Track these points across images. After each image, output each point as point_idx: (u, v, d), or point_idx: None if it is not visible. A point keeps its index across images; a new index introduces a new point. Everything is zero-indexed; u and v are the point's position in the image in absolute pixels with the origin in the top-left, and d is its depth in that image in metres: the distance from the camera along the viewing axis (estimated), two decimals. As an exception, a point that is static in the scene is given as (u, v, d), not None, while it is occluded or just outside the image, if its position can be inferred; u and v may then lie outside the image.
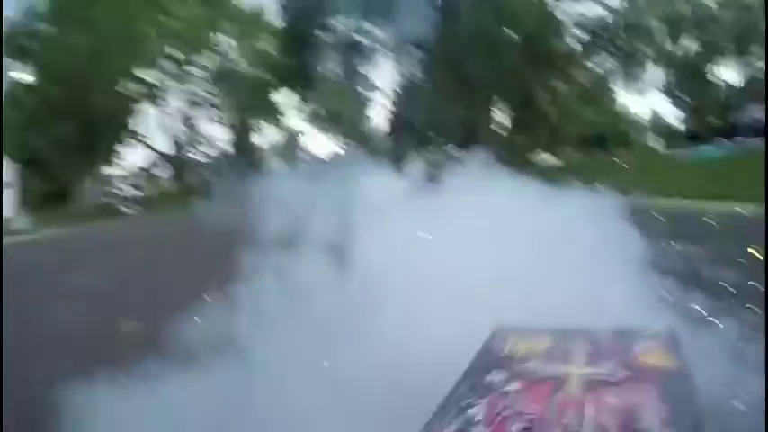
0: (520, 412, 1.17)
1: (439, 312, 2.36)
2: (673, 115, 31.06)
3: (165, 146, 32.61)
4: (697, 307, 2.33)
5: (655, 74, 28.53)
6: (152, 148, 32.93)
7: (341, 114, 29.56)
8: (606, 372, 1.26)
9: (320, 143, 32.38)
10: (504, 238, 2.79)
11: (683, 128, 29.85)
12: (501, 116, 27.24)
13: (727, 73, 28.14)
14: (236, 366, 2.39)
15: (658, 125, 32.23)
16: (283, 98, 31.31)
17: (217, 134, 33.22)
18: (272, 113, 32.17)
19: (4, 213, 21.67)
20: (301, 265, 3.05)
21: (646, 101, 34.84)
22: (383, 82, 28.60)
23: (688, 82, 28.52)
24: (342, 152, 29.94)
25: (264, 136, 33.50)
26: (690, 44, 28.09)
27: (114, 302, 5.57)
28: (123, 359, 2.62)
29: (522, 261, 2.40)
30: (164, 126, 31.98)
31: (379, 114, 30.40)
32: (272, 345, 2.54)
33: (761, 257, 3.01)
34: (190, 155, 33.32)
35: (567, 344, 1.43)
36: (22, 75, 28.58)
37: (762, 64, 24.91)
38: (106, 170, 32.67)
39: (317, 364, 2.33)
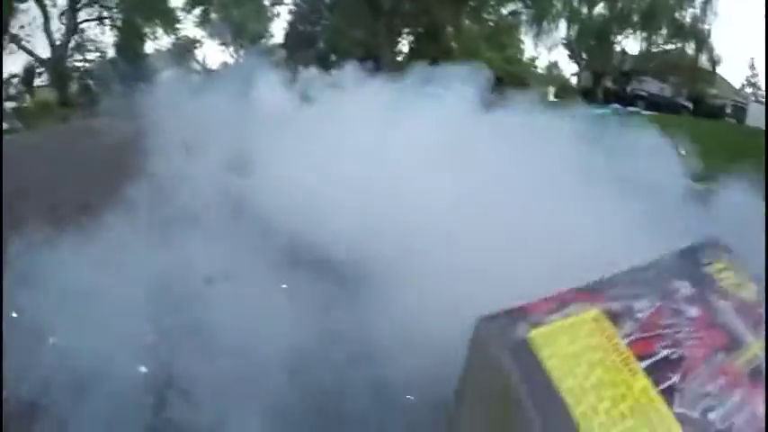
0: (677, 342, 1.11)
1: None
2: (571, 73, 32.17)
3: (45, 51, 29.35)
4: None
5: (563, 31, 29.39)
6: (31, 53, 29.52)
7: (242, 26, 27.95)
8: None
9: (215, 53, 30.63)
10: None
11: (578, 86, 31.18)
12: (404, 46, 26.87)
13: (631, 45, 29.32)
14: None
15: (556, 78, 33.21)
16: (180, 2, 28.97)
17: (104, 39, 30.40)
18: (168, 18, 29.73)
19: None
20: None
21: (550, 56, 35.95)
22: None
23: (593, 45, 29.28)
24: (236, 63, 28.49)
25: (158, 43, 31.09)
26: (600, 9, 28.86)
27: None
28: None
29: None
30: (46, 28, 28.60)
31: (279, 28, 29.08)
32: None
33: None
34: (73, 61, 30.33)
35: None
36: None
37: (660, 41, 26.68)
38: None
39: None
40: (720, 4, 26.94)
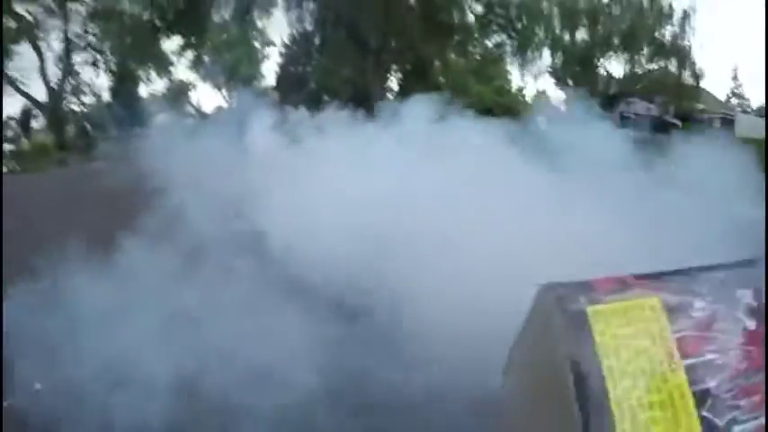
0: (724, 349, 1.10)
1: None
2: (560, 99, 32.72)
3: (41, 93, 29.64)
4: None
5: (547, 59, 29.78)
6: (28, 96, 29.93)
7: (233, 68, 28.40)
8: None
9: (208, 95, 30.96)
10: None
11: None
12: (393, 82, 27.16)
13: (615, 67, 29.91)
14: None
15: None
16: (172, 47, 29.51)
17: (99, 82, 30.84)
18: (161, 62, 30.24)
19: None
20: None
21: (537, 84, 36.53)
22: (278, 35, 27.77)
23: (577, 71, 29.66)
24: (228, 106, 28.85)
25: (151, 87, 31.56)
26: (582, 35, 29.39)
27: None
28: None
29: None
30: (41, 71, 29.03)
31: (270, 70, 29.58)
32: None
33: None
34: (69, 105, 30.71)
35: None
36: None
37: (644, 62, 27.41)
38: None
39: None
40: (698, 20, 27.20)
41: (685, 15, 26.95)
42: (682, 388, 1.05)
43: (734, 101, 37.52)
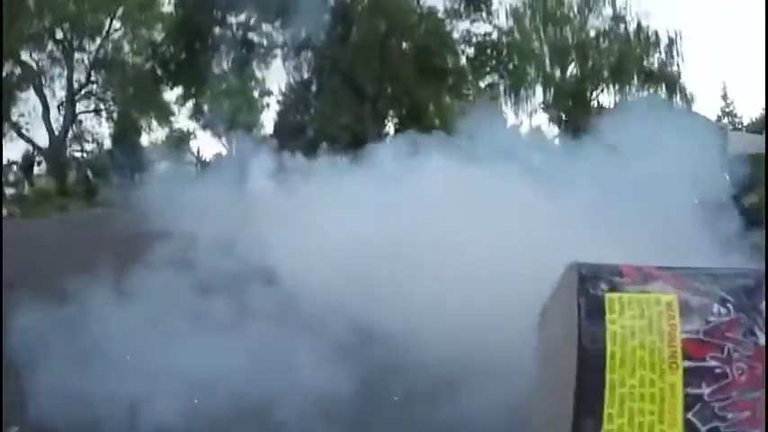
0: (729, 360, 1.16)
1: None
2: (553, 135, 33.03)
3: (44, 139, 30.01)
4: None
5: (540, 96, 30.31)
6: (31, 142, 30.40)
7: (233, 117, 28.92)
8: None
9: (208, 143, 31.44)
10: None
11: (563, 146, 31.61)
12: (390, 127, 27.54)
13: (606, 99, 30.27)
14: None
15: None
16: (173, 97, 30.13)
17: (101, 130, 31.36)
18: (162, 111, 30.85)
19: None
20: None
21: (532, 121, 37.05)
22: (276, 84, 28.43)
23: (570, 105, 30.08)
24: (228, 153, 29.27)
25: (153, 135, 32.05)
26: (573, 69, 30.12)
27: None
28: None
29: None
30: (45, 117, 29.57)
31: (269, 118, 30.15)
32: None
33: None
34: (71, 151, 31.15)
35: None
36: None
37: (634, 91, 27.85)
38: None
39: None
40: (684, 45, 27.67)
41: (671, 42, 27.53)
42: (675, 387, 1.11)
43: (725, 120, 37.91)
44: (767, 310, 1.18)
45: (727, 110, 37.78)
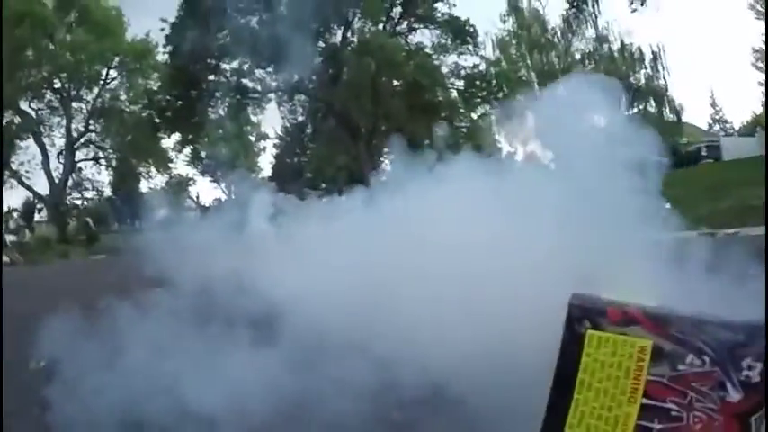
0: (691, 408, 1.25)
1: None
2: (548, 159, 33.06)
3: (44, 187, 30.47)
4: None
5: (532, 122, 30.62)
6: (32, 190, 30.76)
7: (230, 162, 29.27)
8: None
9: (207, 189, 31.67)
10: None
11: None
12: (386, 164, 28.02)
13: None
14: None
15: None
16: (171, 143, 30.58)
17: (100, 178, 31.80)
18: (160, 158, 31.35)
19: None
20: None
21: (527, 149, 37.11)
22: (271, 128, 28.92)
23: None
24: (227, 198, 29.51)
25: (152, 182, 32.33)
26: None
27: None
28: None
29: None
30: (45, 165, 29.95)
31: (266, 161, 30.60)
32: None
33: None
34: (71, 199, 31.45)
35: None
36: None
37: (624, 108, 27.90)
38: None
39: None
40: (669, 58, 28.25)
41: (655, 57, 27.83)
42: (629, 417, 1.27)
43: (716, 127, 38.02)
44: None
45: (716, 117, 38.05)
